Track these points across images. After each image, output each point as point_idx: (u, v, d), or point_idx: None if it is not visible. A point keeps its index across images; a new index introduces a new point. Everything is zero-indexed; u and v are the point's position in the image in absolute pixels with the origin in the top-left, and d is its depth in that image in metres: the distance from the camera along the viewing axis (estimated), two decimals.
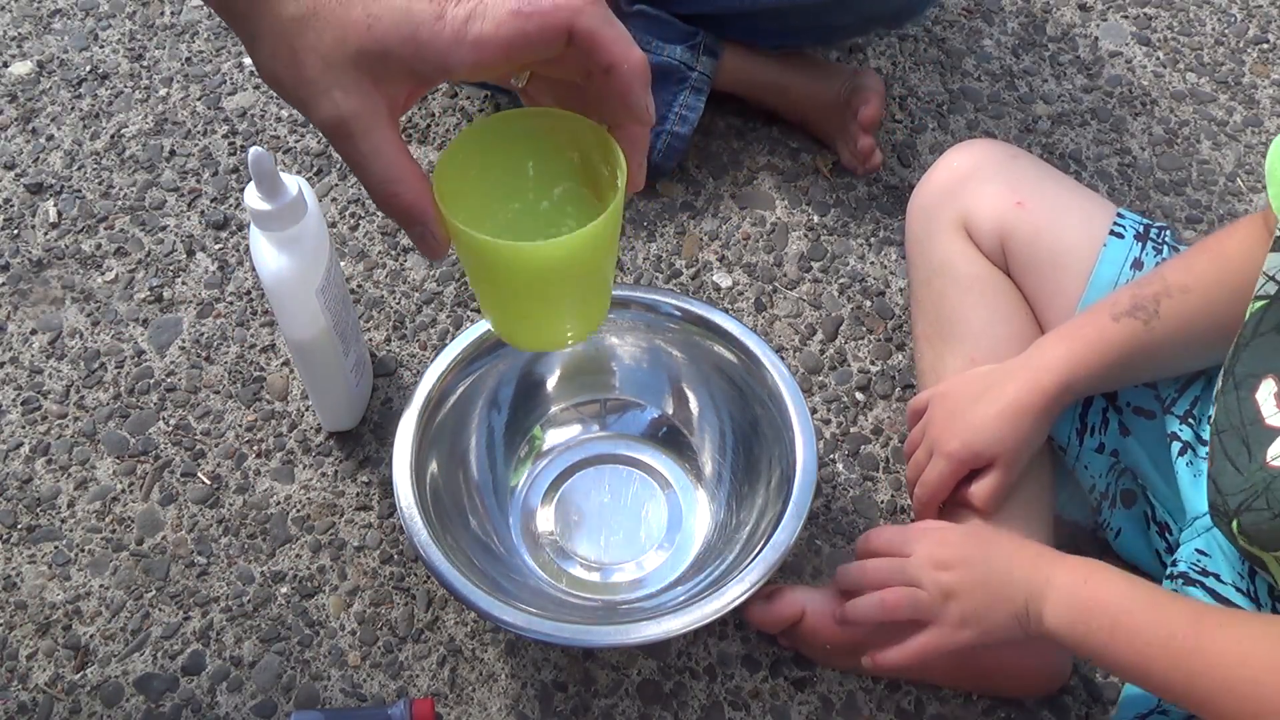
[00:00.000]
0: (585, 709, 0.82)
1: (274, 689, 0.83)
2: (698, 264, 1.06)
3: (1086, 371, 0.77)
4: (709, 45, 1.08)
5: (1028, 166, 0.89)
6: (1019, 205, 0.85)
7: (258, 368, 0.99)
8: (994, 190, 0.86)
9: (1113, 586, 0.68)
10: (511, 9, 0.48)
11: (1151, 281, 0.77)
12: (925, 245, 0.89)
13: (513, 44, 0.48)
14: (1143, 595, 0.67)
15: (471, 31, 0.48)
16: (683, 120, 1.07)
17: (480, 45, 0.48)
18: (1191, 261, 0.77)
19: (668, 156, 1.09)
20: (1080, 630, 0.67)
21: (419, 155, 1.14)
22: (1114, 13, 1.30)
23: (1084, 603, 0.68)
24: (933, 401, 0.84)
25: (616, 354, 0.92)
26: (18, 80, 1.21)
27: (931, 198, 0.89)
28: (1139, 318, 0.76)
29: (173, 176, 1.13)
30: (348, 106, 0.48)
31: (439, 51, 0.48)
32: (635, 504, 0.89)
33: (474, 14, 0.48)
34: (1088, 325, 0.78)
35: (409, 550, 0.89)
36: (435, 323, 1.02)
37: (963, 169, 0.88)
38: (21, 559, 0.89)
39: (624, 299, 0.88)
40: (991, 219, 0.85)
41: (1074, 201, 0.86)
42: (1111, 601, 0.67)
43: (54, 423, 0.96)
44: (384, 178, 0.50)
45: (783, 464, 0.81)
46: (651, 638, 0.73)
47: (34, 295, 1.04)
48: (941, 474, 0.81)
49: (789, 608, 0.79)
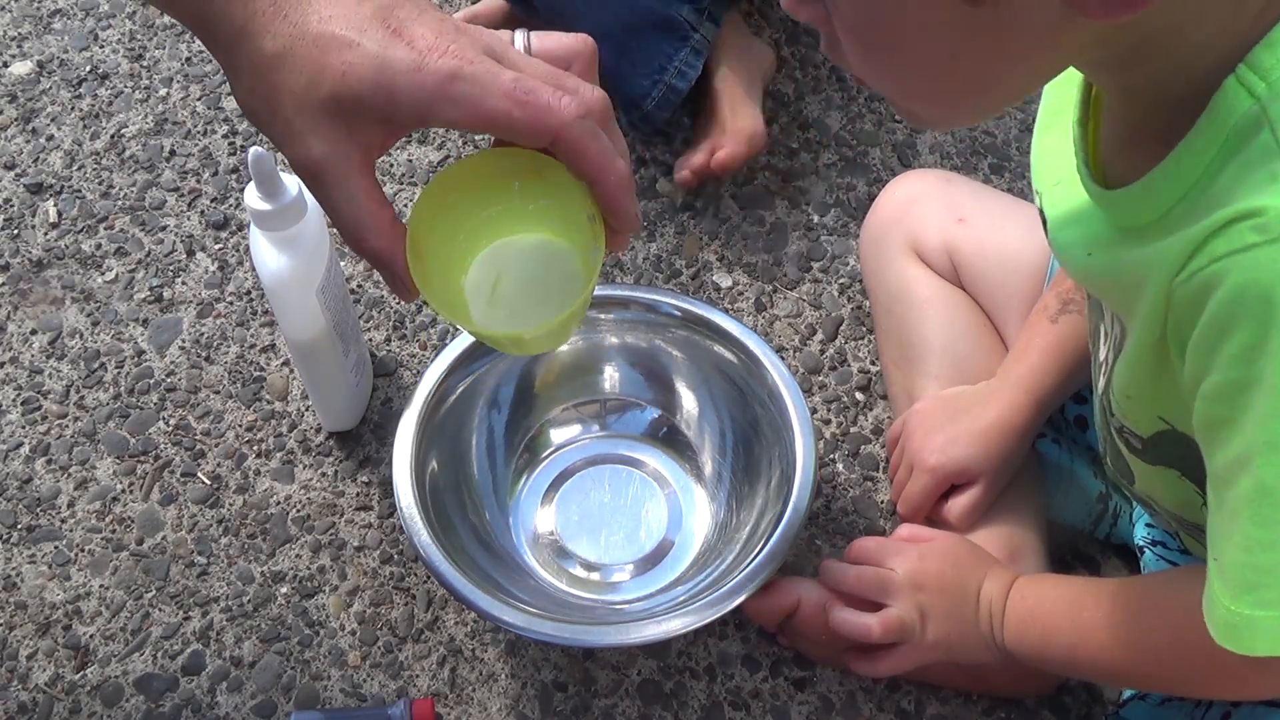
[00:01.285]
0: (585, 709, 0.82)
1: (274, 689, 0.83)
2: (698, 264, 1.06)
3: (1052, 379, 0.79)
4: (713, 13, 1.08)
5: (962, 186, 0.94)
6: (960, 221, 0.89)
7: (258, 368, 1.00)
8: (934, 211, 0.90)
9: (1039, 590, 0.71)
10: (505, 88, 0.47)
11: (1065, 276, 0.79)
12: (880, 274, 0.93)
13: (494, 122, 0.47)
14: (1060, 589, 0.71)
15: (453, 91, 0.47)
16: (681, 75, 1.07)
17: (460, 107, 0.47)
18: None
19: (661, 106, 1.08)
20: (1025, 645, 0.71)
21: (419, 155, 1.14)
22: None
23: (1020, 619, 0.71)
24: (908, 420, 0.85)
25: (616, 354, 0.92)
26: (18, 80, 1.21)
27: (879, 229, 0.94)
28: (1072, 310, 0.78)
29: (173, 176, 1.13)
30: (320, 152, 0.47)
31: (416, 102, 0.47)
32: (635, 504, 0.89)
33: (457, 73, 0.47)
34: (1034, 336, 0.81)
35: (409, 550, 0.89)
36: (435, 323, 1.02)
37: (903, 198, 0.93)
38: (21, 559, 0.89)
39: (624, 299, 0.89)
40: (937, 238, 0.89)
41: (1012, 209, 0.90)
42: (1039, 606, 0.70)
43: (54, 423, 0.96)
44: (353, 224, 0.49)
45: (783, 464, 0.81)
46: (651, 638, 0.73)
47: (34, 295, 1.04)
48: (924, 488, 0.83)
49: (785, 598, 0.80)
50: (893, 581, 0.75)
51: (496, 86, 0.47)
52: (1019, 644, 0.71)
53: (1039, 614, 0.70)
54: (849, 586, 0.76)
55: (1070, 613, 0.68)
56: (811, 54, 1.23)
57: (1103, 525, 0.87)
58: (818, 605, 0.79)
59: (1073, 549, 0.89)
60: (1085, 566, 0.88)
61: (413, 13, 0.48)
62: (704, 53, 1.08)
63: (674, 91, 1.07)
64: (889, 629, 0.73)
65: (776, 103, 1.19)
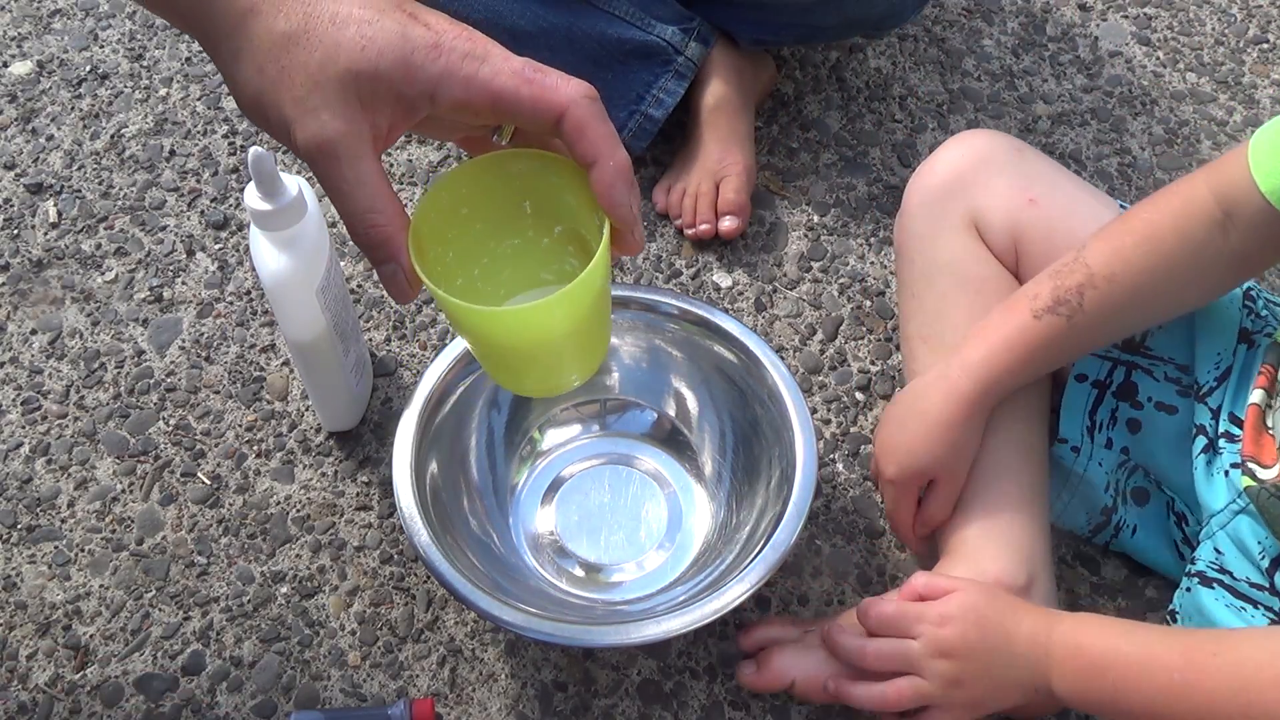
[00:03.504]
0: (585, 709, 0.82)
1: (274, 689, 0.83)
2: (698, 264, 1.06)
3: (1009, 373, 0.77)
4: (703, 32, 1.06)
5: (1035, 160, 0.85)
6: (1032, 202, 0.82)
7: (258, 368, 1.00)
8: (1006, 185, 0.83)
9: (1104, 643, 0.68)
10: (515, 68, 0.48)
11: (1074, 270, 0.74)
12: (929, 241, 0.85)
13: (502, 99, 0.48)
14: (1132, 643, 0.67)
15: (466, 69, 0.47)
16: (658, 103, 1.05)
17: (471, 85, 0.48)
18: (1120, 244, 0.73)
19: (638, 138, 1.06)
20: (1090, 697, 0.68)
21: (419, 155, 1.14)
22: (1114, 13, 1.30)
23: (1083, 670, 0.68)
24: (878, 428, 0.84)
25: (616, 354, 0.92)
26: (18, 80, 1.21)
27: (935, 192, 0.85)
28: (1061, 314, 0.74)
29: (173, 176, 1.13)
30: (334, 128, 0.47)
31: (430, 78, 0.47)
32: (635, 504, 0.89)
33: (472, 53, 0.48)
34: (1007, 323, 0.76)
35: (409, 550, 0.89)
36: (435, 323, 1.02)
37: (967, 161, 0.85)
38: (21, 559, 0.89)
39: (624, 299, 0.88)
40: (1004, 217, 0.82)
41: (1083, 196, 0.83)
42: (1106, 659, 0.67)
43: (54, 423, 0.96)
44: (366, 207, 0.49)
45: (783, 464, 0.81)
46: (651, 638, 0.73)
47: (34, 295, 1.04)
48: (895, 501, 0.83)
49: (778, 680, 0.78)
50: (914, 654, 0.72)
51: (508, 66, 0.48)
52: (1080, 696, 0.68)
53: (1108, 669, 0.67)
54: (869, 664, 0.74)
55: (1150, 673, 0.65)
56: (811, 54, 1.24)
57: (1102, 535, 0.86)
58: (813, 681, 0.77)
59: (1073, 549, 0.89)
60: (1085, 567, 0.88)
61: (422, 6, 0.49)
62: (688, 76, 1.05)
63: (650, 121, 1.05)
64: (900, 695, 0.72)
65: (776, 103, 1.19)
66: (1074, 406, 0.83)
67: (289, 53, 0.47)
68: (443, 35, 0.48)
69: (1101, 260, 0.73)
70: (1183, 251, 0.71)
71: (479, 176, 0.54)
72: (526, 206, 0.56)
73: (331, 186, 0.49)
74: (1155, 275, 0.72)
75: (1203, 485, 0.77)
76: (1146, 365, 0.81)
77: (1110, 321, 0.75)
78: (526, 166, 0.54)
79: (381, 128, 0.49)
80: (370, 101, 0.48)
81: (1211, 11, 1.30)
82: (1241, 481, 0.73)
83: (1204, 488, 0.77)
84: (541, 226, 0.57)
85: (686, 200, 1.06)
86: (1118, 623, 0.71)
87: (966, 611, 0.72)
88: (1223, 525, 0.75)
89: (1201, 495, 0.77)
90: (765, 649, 0.80)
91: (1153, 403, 0.81)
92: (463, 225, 0.55)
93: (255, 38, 0.47)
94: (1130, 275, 0.72)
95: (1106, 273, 0.73)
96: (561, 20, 1.02)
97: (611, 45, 1.03)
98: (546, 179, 0.54)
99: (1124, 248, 0.73)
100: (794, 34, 1.11)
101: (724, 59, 1.08)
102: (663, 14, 1.05)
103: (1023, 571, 0.77)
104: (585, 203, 0.52)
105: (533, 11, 1.02)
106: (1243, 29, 1.28)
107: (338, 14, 0.47)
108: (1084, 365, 0.82)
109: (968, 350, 0.78)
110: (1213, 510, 0.76)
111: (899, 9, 1.09)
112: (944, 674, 0.71)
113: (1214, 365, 0.78)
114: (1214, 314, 0.79)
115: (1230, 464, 0.75)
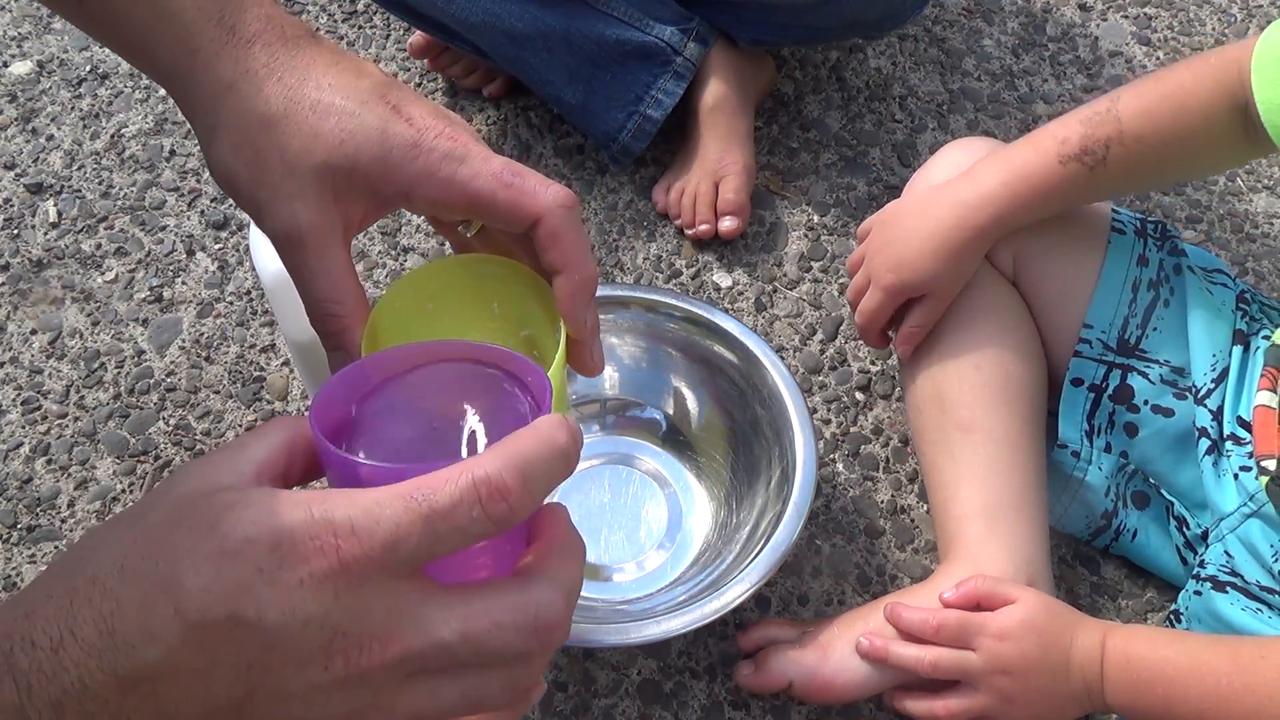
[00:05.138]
0: (585, 709, 0.82)
1: None
2: (698, 264, 1.06)
3: (1024, 209, 0.77)
4: (702, 33, 1.06)
5: None
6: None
7: (258, 368, 1.00)
8: None
9: (1155, 653, 0.69)
10: (494, 170, 0.47)
11: (1105, 122, 0.74)
12: None
13: (478, 201, 0.47)
14: (1181, 652, 0.68)
15: (445, 170, 0.47)
16: (657, 104, 1.05)
17: (449, 187, 0.47)
18: (1151, 107, 0.74)
19: (637, 139, 1.07)
20: (1142, 706, 0.69)
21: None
22: (1114, 13, 1.30)
23: (1135, 682, 0.69)
24: (874, 228, 0.84)
25: (616, 354, 0.92)
26: (18, 80, 1.21)
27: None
28: (1086, 163, 0.74)
29: (173, 176, 1.13)
30: (305, 219, 0.47)
31: (407, 178, 0.47)
32: (635, 504, 0.89)
33: (451, 154, 0.47)
34: (1031, 161, 0.76)
35: None
36: None
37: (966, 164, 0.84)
38: (21, 559, 0.89)
39: (624, 299, 0.88)
40: None
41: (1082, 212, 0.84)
42: (1156, 670, 0.68)
43: (54, 423, 0.96)
44: (326, 296, 0.48)
45: (783, 464, 0.81)
46: (651, 638, 0.73)
47: (34, 295, 1.04)
48: (879, 304, 0.83)
49: (775, 681, 0.78)
50: (974, 667, 0.72)
51: (487, 168, 0.47)
52: (1132, 706, 0.69)
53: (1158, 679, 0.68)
54: (925, 673, 0.73)
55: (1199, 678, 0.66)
56: (811, 54, 1.24)
57: (1102, 538, 0.86)
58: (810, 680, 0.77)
59: (1073, 550, 0.89)
60: (1085, 567, 0.88)
61: (408, 95, 0.49)
62: (687, 76, 1.05)
63: (649, 122, 1.06)
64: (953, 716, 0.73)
65: (776, 103, 1.19)
66: (1072, 411, 0.83)
67: (266, 135, 0.46)
68: (423, 134, 0.47)
69: (1133, 119, 0.74)
70: (1208, 127, 0.72)
71: (449, 274, 0.54)
72: (495, 308, 0.55)
73: (294, 271, 0.49)
74: (1180, 145, 0.73)
75: (1211, 488, 0.77)
76: (1141, 368, 0.81)
77: (1128, 177, 0.77)
78: (497, 270, 0.54)
79: (353, 219, 0.49)
80: (344, 194, 0.47)
81: (1211, 11, 1.30)
82: (1254, 482, 0.73)
83: (1213, 490, 0.77)
84: (508, 330, 0.56)
85: (686, 200, 1.06)
86: (1165, 632, 0.72)
87: (1028, 631, 0.72)
88: (1233, 529, 0.75)
89: (1210, 498, 0.77)
90: (763, 649, 0.80)
91: (1149, 406, 0.81)
92: (428, 320, 0.54)
93: (234, 116, 0.47)
94: (1157, 139, 0.73)
95: (1136, 132, 0.73)
96: (560, 22, 1.02)
97: (610, 46, 1.03)
98: (515, 286, 0.54)
99: (1156, 111, 0.73)
100: (793, 35, 1.11)
101: (723, 59, 1.08)
102: (661, 14, 1.05)
103: (1023, 573, 0.76)
104: (549, 316, 0.52)
105: (531, 13, 1.02)
106: (1243, 29, 1.28)
107: (319, 102, 0.46)
108: (1080, 369, 0.82)
109: (987, 177, 0.78)
110: (1222, 513, 0.76)
111: (898, 10, 1.09)
112: (1001, 690, 0.71)
113: (1210, 367, 0.79)
114: (1207, 316, 0.80)
115: (1240, 467, 0.75)
